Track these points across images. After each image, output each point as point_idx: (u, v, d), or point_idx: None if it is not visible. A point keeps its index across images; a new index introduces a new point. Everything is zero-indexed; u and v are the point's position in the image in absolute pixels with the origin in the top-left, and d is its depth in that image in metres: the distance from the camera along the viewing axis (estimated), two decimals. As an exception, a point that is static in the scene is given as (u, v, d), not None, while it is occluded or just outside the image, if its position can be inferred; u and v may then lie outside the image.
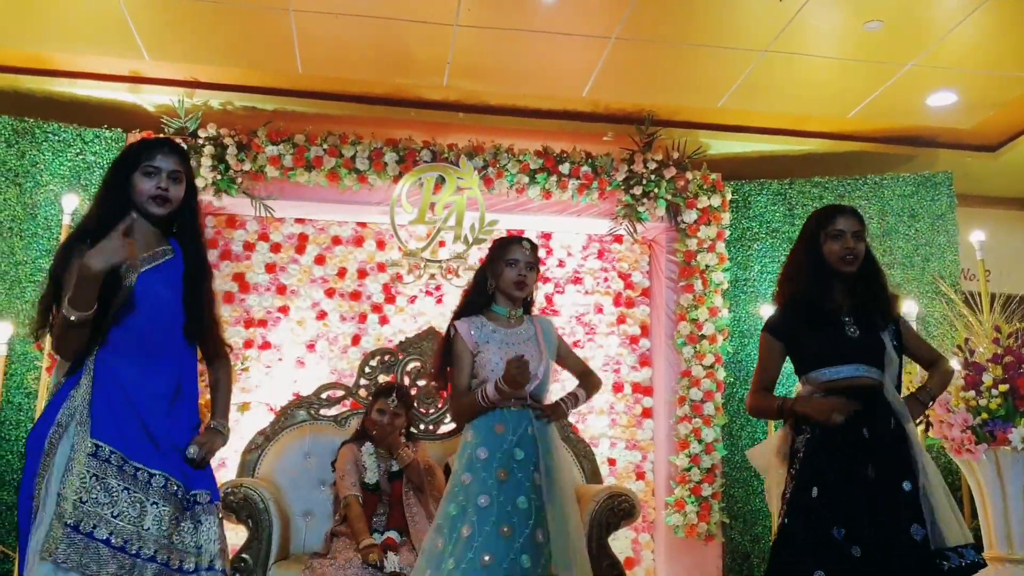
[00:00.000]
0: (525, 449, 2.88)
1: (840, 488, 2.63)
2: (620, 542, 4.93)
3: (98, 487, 2.20)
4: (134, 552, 2.20)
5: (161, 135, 4.83)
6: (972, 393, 4.21)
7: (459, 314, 3.05)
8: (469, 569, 2.67)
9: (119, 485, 2.22)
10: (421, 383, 4.59)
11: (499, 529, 2.73)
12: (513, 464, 2.84)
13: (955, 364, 4.24)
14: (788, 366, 2.97)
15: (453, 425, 4.43)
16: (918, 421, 2.98)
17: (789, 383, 5.18)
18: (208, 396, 2.68)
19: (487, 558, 2.68)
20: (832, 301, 2.82)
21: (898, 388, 2.80)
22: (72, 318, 2.18)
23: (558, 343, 3.13)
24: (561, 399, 3.07)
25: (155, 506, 2.25)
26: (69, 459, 2.21)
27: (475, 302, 3.07)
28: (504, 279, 3.01)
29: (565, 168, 5.11)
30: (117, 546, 2.18)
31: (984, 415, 4.16)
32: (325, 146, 4.94)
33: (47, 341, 4.42)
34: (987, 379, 4.19)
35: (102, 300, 2.25)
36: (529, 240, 3.10)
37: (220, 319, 2.61)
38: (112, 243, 2.20)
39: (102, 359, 2.31)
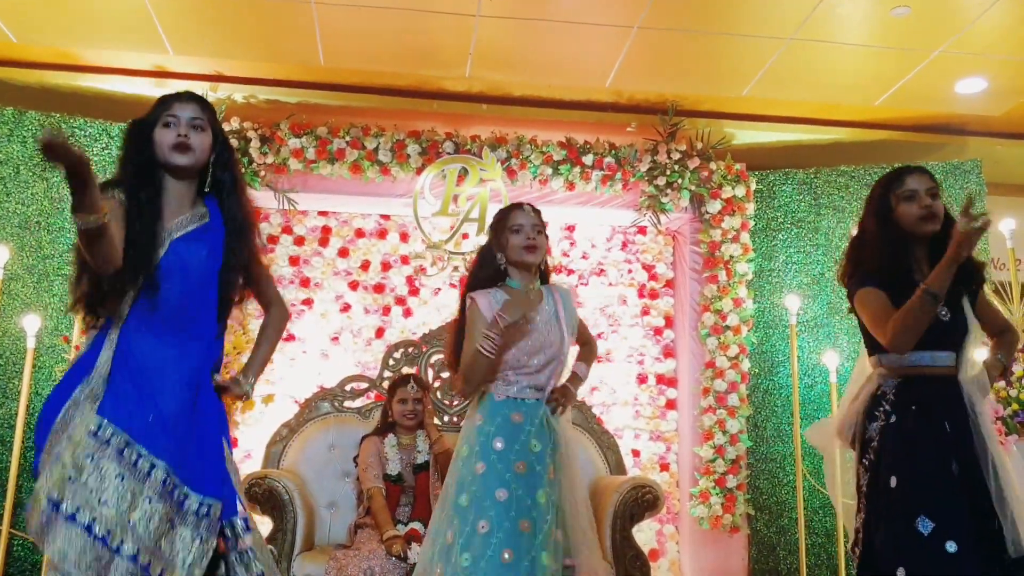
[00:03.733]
0: (542, 441, 2.80)
1: (925, 478, 2.41)
2: (644, 533, 4.92)
3: (91, 468, 2.04)
4: (115, 546, 2.03)
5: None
6: (1002, 384, 4.16)
7: (472, 288, 2.89)
8: (489, 568, 2.58)
9: (114, 471, 2.06)
10: (445, 375, 4.60)
11: (519, 524, 2.64)
12: (532, 456, 2.75)
13: (984, 354, 4.18)
14: (809, 359, 2.90)
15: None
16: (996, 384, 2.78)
17: (813, 375, 5.14)
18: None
19: (507, 555, 2.59)
20: (918, 272, 2.55)
21: None
22: (80, 225, 2.00)
23: (578, 318, 3.01)
24: (566, 383, 2.95)
25: (148, 502, 2.08)
26: (71, 434, 2.08)
27: (487, 276, 2.89)
28: (512, 247, 2.85)
29: (588, 159, 5.09)
30: (99, 535, 2.01)
31: (1015, 406, 4.12)
32: (348, 138, 4.95)
33: (74, 334, 4.49)
34: (1017, 370, 4.14)
35: (130, 267, 2.12)
36: (530, 204, 2.96)
37: (269, 273, 2.47)
38: (60, 145, 1.88)
39: (126, 334, 2.17)
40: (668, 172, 5.14)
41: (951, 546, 2.31)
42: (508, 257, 2.88)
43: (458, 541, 2.65)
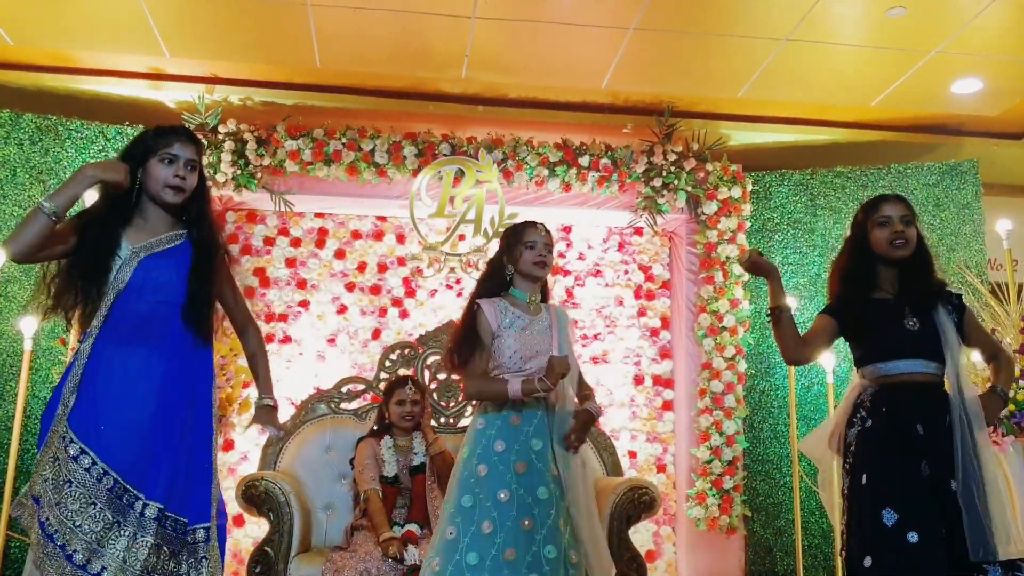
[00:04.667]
0: (543, 438, 2.91)
1: (891, 474, 2.56)
2: (641, 535, 4.92)
3: (73, 494, 2.22)
4: (60, 545, 2.20)
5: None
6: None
7: (479, 296, 3.08)
8: (494, 567, 2.68)
9: (71, 476, 2.23)
10: (441, 376, 4.60)
11: (520, 523, 2.74)
12: (532, 455, 2.87)
13: (976, 356, 4.18)
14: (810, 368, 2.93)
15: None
16: (999, 417, 2.88)
17: (810, 376, 5.14)
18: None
19: (510, 553, 2.70)
20: (884, 291, 2.77)
21: None
22: (45, 204, 2.24)
23: (568, 338, 3.12)
24: (587, 406, 3.04)
25: (94, 507, 2.23)
26: (48, 439, 2.28)
27: (493, 287, 3.09)
28: (524, 261, 3.04)
29: (585, 161, 5.09)
30: (78, 564, 2.18)
31: (1012, 407, 4.12)
32: (344, 140, 4.95)
33: (71, 336, 4.49)
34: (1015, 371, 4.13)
35: (99, 277, 2.32)
36: (543, 224, 3.12)
37: (240, 294, 2.64)
38: (115, 163, 2.29)
39: (96, 346, 2.33)
40: (664, 173, 5.14)
41: (912, 536, 2.45)
42: (518, 269, 3.07)
43: (463, 540, 2.75)
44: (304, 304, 5.18)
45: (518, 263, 3.05)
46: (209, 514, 2.36)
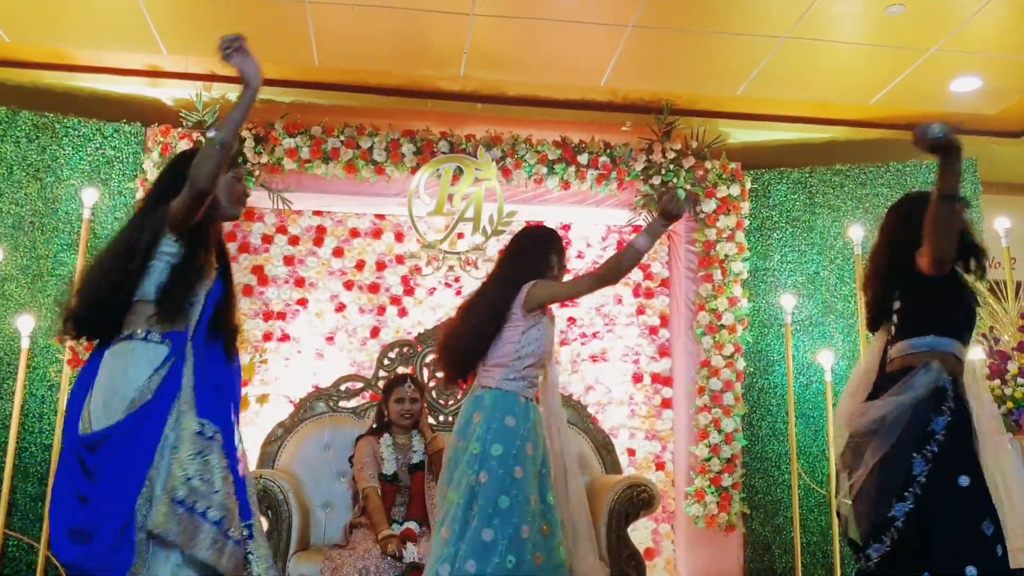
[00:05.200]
0: (538, 444, 2.96)
1: (985, 481, 2.50)
2: (640, 532, 4.92)
3: (202, 465, 2.26)
4: (226, 530, 2.26)
5: (180, 128, 4.86)
6: (997, 382, 4.16)
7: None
8: (528, 570, 2.75)
9: (219, 463, 2.29)
10: (440, 375, 4.59)
11: (542, 528, 2.82)
12: (540, 460, 2.92)
13: (980, 353, 4.19)
14: (803, 357, 2.91)
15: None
16: None
17: (807, 374, 5.14)
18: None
19: (539, 558, 2.79)
20: None
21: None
22: (213, 135, 2.40)
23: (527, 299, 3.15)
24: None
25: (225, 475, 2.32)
26: (177, 438, 2.29)
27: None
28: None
29: (583, 158, 5.09)
30: (214, 520, 2.24)
31: (1009, 404, 4.12)
32: (342, 138, 4.94)
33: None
34: (1012, 368, 4.14)
35: (192, 291, 2.42)
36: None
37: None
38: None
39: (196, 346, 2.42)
40: (663, 171, 5.14)
41: (999, 549, 2.43)
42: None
43: (502, 543, 2.75)
44: (302, 302, 5.17)
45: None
46: (250, 510, 2.40)
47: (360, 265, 5.24)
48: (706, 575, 4.87)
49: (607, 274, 3.11)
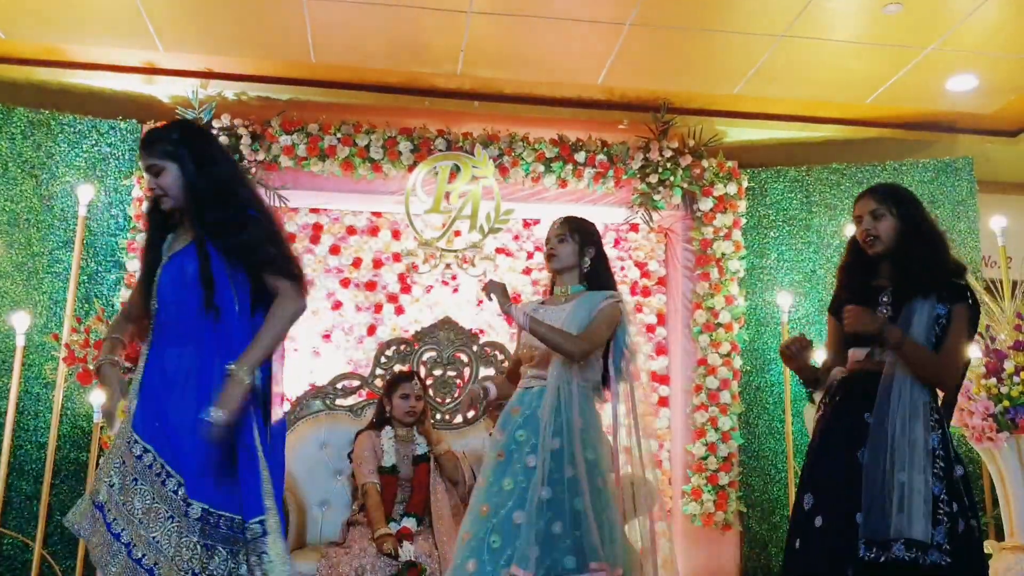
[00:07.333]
0: (528, 430, 2.91)
1: (820, 459, 2.68)
2: (636, 531, 4.91)
3: (129, 483, 2.27)
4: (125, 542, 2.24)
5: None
6: (993, 381, 4.17)
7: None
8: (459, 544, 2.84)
9: (140, 480, 2.27)
10: (437, 372, 4.59)
11: (480, 509, 2.83)
12: (512, 445, 2.89)
13: (976, 351, 4.19)
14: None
15: (470, 415, 4.56)
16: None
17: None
18: None
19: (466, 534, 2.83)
20: (876, 280, 2.78)
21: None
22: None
23: (596, 316, 3.01)
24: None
25: (157, 502, 2.26)
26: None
27: (549, 288, 3.25)
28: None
29: (581, 156, 5.08)
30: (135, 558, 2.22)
31: (1006, 403, 4.12)
32: (339, 135, 4.93)
33: (64, 331, 4.46)
34: (1009, 366, 4.15)
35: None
36: (565, 216, 3.19)
37: (280, 267, 2.48)
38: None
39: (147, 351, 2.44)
40: (660, 169, 5.13)
41: (818, 520, 2.55)
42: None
43: (492, 520, 2.80)
44: (299, 300, 5.15)
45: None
46: (262, 506, 2.24)
47: (357, 263, 5.23)
48: (703, 573, 4.87)
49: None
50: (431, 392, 4.55)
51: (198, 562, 2.17)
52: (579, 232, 3.11)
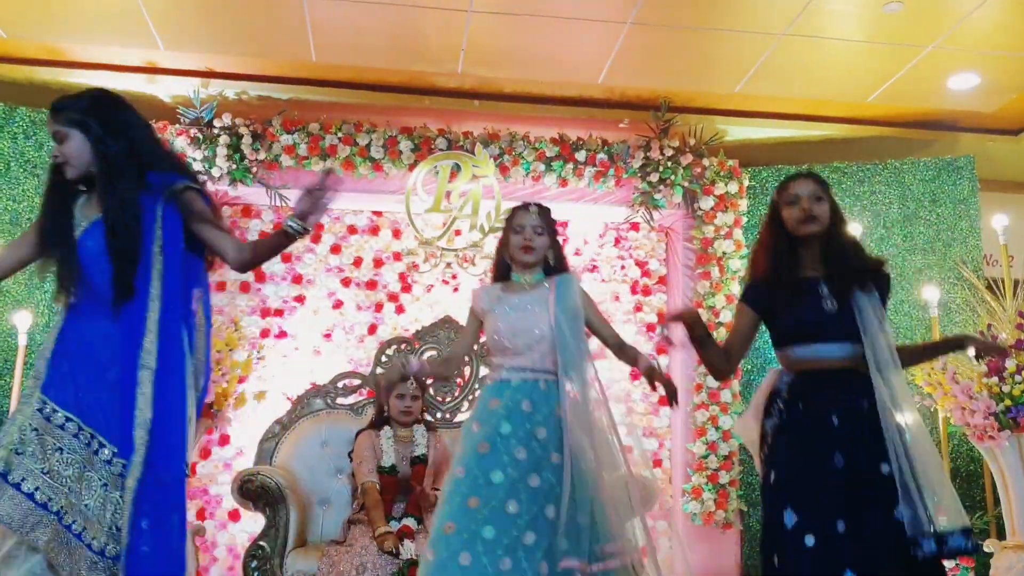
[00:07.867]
0: (512, 423, 2.83)
1: (797, 473, 2.52)
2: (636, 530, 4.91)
3: (36, 441, 2.22)
4: (55, 511, 2.19)
5: (177, 125, 4.85)
6: (995, 379, 4.17)
7: (493, 280, 3.10)
8: (433, 538, 2.70)
9: (54, 443, 2.23)
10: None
11: (467, 501, 2.71)
12: (497, 438, 2.80)
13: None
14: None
15: (470, 414, 4.47)
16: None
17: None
18: None
19: (448, 527, 2.68)
20: (802, 269, 2.68)
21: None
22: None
23: (584, 304, 3.00)
24: (651, 362, 3.01)
25: (83, 468, 2.23)
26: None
27: (497, 274, 3.09)
28: (512, 246, 2.98)
29: (581, 155, 5.08)
30: (40, 502, 2.17)
31: (1007, 402, 4.12)
32: (340, 135, 4.94)
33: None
34: (1010, 365, 4.14)
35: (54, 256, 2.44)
36: (538, 205, 3.05)
37: (220, 228, 2.49)
38: None
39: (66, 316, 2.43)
40: (661, 168, 5.13)
41: (808, 540, 2.42)
42: (509, 254, 3.00)
43: (482, 512, 2.71)
44: (300, 299, 5.16)
45: (508, 247, 3.00)
46: (132, 446, 2.21)
47: (358, 262, 5.24)
48: (703, 572, 4.87)
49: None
50: (431, 392, 4.55)
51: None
52: (550, 224, 3.08)
